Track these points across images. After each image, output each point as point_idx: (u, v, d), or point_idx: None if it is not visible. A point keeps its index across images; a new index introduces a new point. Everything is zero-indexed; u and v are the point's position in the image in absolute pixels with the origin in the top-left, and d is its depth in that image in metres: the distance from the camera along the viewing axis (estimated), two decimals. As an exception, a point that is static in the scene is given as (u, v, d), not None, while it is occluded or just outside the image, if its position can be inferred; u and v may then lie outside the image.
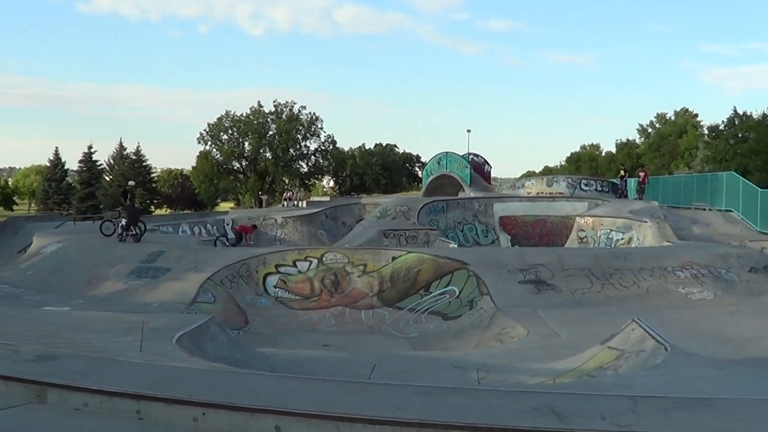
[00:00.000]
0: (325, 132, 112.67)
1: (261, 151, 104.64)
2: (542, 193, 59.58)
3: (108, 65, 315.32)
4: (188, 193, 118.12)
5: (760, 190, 44.26)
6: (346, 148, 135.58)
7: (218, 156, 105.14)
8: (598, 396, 9.05)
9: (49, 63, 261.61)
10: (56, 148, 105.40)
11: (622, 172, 61.34)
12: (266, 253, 28.90)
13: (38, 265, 30.07)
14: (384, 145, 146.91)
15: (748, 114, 67.90)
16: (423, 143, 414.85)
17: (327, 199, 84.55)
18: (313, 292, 26.64)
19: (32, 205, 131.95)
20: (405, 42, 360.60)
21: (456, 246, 38.91)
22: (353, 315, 25.43)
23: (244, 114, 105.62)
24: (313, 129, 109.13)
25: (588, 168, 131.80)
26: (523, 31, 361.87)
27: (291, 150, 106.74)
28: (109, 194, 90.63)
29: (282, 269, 27.31)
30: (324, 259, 27.71)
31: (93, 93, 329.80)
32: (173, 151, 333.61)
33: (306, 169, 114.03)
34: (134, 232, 31.77)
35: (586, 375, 12.71)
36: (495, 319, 22.62)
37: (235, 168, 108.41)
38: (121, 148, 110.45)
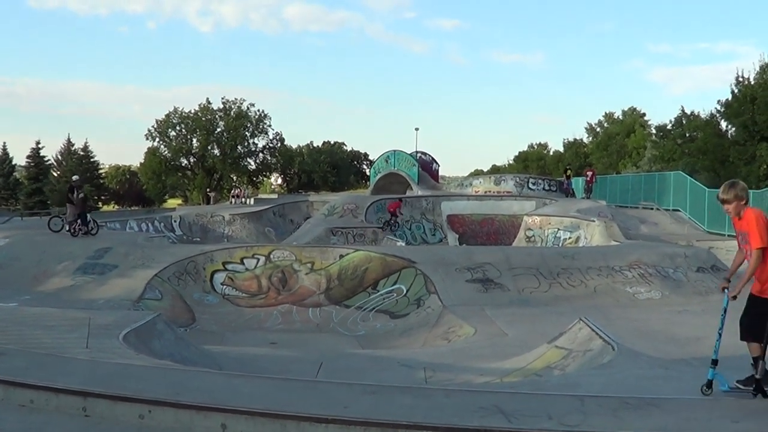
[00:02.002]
0: (273, 129, 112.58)
1: (209, 147, 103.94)
2: (490, 191, 59.84)
3: (56, 61, 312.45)
4: (136, 190, 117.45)
5: (707, 189, 44.68)
6: (294, 146, 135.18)
7: (166, 152, 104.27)
8: (545, 395, 9.11)
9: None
10: (3, 143, 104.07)
11: (569, 172, 61.75)
12: (214, 250, 28.78)
13: (-16, 261, 29.76)
14: (332, 142, 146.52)
15: (696, 114, 68.43)
16: (371, 141, 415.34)
17: (275, 196, 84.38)
18: (260, 289, 26.56)
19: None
20: (354, 40, 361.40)
21: (403, 244, 38.94)
22: (300, 313, 25.37)
23: (193, 111, 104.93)
24: (261, 126, 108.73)
25: (536, 167, 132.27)
26: (471, 30, 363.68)
27: (239, 147, 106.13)
28: (57, 190, 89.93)
29: (229, 266, 27.22)
30: (271, 256, 27.66)
31: (41, 88, 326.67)
32: (121, 148, 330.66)
33: (254, 167, 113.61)
34: (84, 227, 31.68)
35: (534, 374, 12.77)
36: (442, 317, 22.65)
37: (183, 165, 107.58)
38: (69, 144, 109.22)
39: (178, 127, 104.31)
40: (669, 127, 71.99)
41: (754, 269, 8.74)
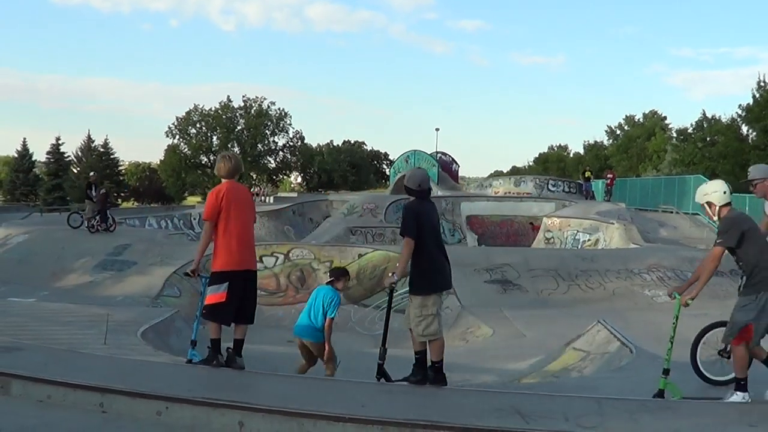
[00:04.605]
0: (293, 128, 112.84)
1: (229, 145, 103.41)
2: (510, 193, 59.74)
3: (78, 57, 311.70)
4: (155, 187, 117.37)
5: (727, 194, 44.44)
6: (315, 145, 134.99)
7: (186, 150, 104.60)
8: (562, 397, 9.10)
9: (18, 54, 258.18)
10: (24, 139, 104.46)
11: (587, 173, 61.55)
12: (233, 248, 28.71)
13: (4, 256, 29.73)
14: (352, 142, 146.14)
15: (717, 118, 68.18)
16: (391, 141, 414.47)
17: (294, 195, 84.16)
18: (279, 287, 26.49)
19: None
20: (375, 40, 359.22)
21: (423, 244, 38.77)
22: (319, 312, 25.30)
23: (213, 108, 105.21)
24: (281, 125, 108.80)
25: (556, 169, 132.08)
26: (493, 31, 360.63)
27: (259, 145, 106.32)
28: (76, 186, 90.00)
29: (248, 264, 27.13)
30: (290, 255, 27.56)
31: (62, 85, 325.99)
32: (141, 145, 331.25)
33: (274, 165, 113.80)
34: (104, 224, 31.84)
35: (551, 376, 12.74)
36: (460, 318, 22.56)
37: (203, 162, 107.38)
38: (89, 140, 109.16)
39: (198, 125, 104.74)
40: (690, 130, 71.94)
41: (205, 242, 10.27)
